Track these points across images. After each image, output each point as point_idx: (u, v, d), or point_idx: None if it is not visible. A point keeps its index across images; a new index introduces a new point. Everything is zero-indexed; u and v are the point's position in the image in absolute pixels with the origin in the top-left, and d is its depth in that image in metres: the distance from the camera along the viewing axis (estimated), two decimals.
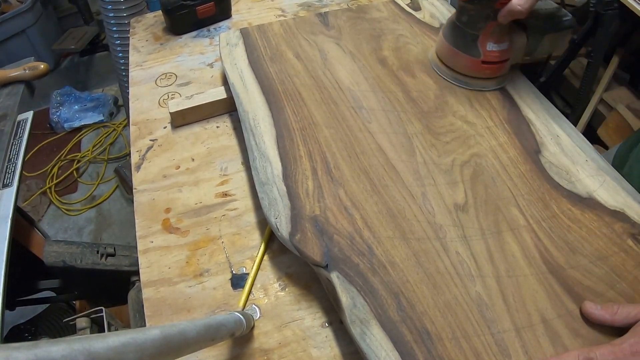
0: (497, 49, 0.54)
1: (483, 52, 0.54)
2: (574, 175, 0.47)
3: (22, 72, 0.85)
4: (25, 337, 1.00)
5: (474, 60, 0.55)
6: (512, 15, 0.49)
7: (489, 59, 0.55)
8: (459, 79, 0.58)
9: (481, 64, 0.55)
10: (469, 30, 0.55)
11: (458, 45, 0.56)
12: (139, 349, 0.22)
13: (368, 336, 0.35)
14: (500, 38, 0.54)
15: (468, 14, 0.54)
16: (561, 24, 0.59)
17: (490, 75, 0.57)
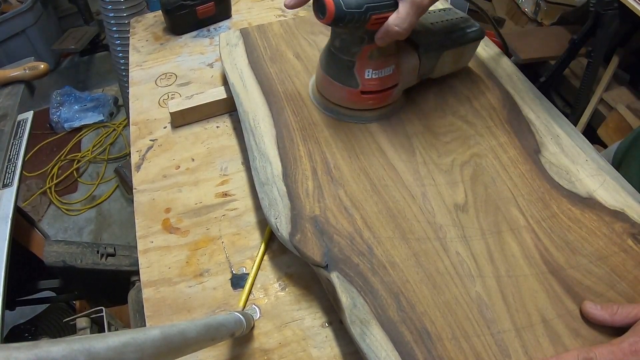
0: (377, 76, 0.47)
1: (361, 81, 0.47)
2: (574, 175, 0.47)
3: (22, 72, 0.85)
4: (25, 337, 1.00)
5: (351, 91, 0.48)
6: (390, 37, 0.43)
7: (368, 89, 0.48)
8: (340, 112, 0.51)
9: (360, 94, 0.48)
10: (343, 56, 0.47)
11: (333, 74, 0.49)
12: (139, 349, 0.22)
13: (368, 336, 0.35)
14: (381, 63, 0.47)
15: (340, 38, 0.47)
16: (465, 37, 0.53)
17: (374, 105, 0.50)
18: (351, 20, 0.41)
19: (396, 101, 0.52)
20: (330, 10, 0.41)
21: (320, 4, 0.42)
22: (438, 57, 0.52)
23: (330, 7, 0.41)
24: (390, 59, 0.47)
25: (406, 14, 0.41)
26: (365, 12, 0.41)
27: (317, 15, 0.43)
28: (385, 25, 0.42)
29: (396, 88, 0.50)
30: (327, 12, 0.41)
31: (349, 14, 0.41)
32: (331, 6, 0.40)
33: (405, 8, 0.41)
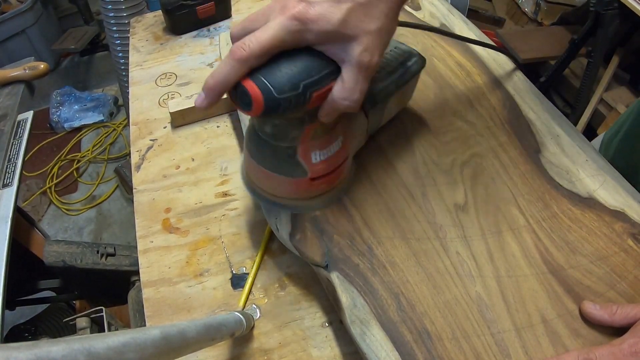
0: (327, 156, 0.38)
1: (309, 168, 0.38)
2: (574, 175, 0.47)
3: (22, 72, 0.85)
4: (25, 337, 1.00)
5: (299, 181, 0.39)
6: (337, 113, 0.35)
7: (320, 173, 0.39)
8: (288, 204, 0.42)
9: (310, 182, 0.39)
10: (280, 144, 0.37)
11: (271, 165, 0.38)
12: (139, 349, 0.22)
13: (368, 336, 0.35)
14: (328, 139, 0.38)
15: (272, 124, 0.36)
16: (407, 73, 0.46)
17: (327, 188, 0.42)
18: (288, 107, 0.31)
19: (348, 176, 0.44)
20: (257, 101, 0.31)
21: (240, 94, 0.32)
22: (384, 107, 0.46)
23: (256, 97, 0.31)
24: (336, 130, 0.38)
25: (354, 82, 0.32)
26: (303, 93, 0.31)
27: (239, 107, 0.33)
28: (329, 101, 0.33)
29: (347, 161, 0.42)
30: (254, 103, 0.31)
31: (283, 100, 0.31)
32: (258, 96, 0.31)
33: (352, 74, 0.32)
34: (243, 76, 0.31)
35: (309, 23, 0.31)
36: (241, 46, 0.30)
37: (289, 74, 0.31)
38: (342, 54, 0.32)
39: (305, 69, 0.32)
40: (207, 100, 0.32)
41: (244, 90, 0.31)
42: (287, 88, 0.31)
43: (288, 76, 0.31)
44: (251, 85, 0.31)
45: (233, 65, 0.31)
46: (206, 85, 0.32)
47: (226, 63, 0.31)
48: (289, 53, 0.32)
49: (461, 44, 0.63)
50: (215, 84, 0.32)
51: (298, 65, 0.32)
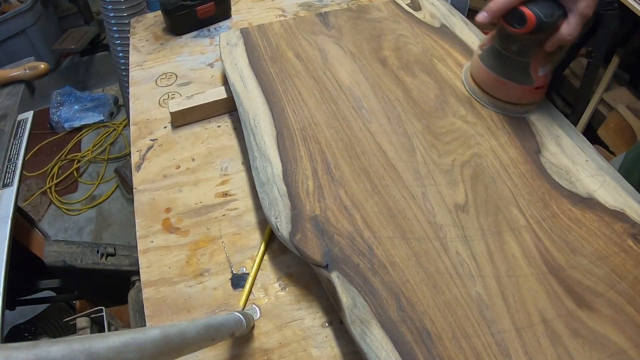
0: (546, 72, 0.52)
1: (536, 79, 0.52)
2: (574, 175, 0.47)
3: (23, 72, 0.85)
4: (25, 337, 1.00)
5: (527, 89, 0.52)
6: (560, 44, 0.48)
7: (541, 84, 0.52)
8: (508, 108, 0.54)
9: (534, 90, 0.52)
10: (520, 58, 0.51)
11: (507, 74, 0.52)
12: (139, 349, 0.22)
13: (368, 336, 0.35)
14: (547, 60, 0.52)
15: (519, 43, 0.51)
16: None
17: (541, 98, 0.55)
18: (547, 28, 0.46)
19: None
20: (531, 21, 0.46)
21: (518, 15, 0.47)
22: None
23: (531, 18, 0.46)
24: (550, 55, 0.52)
25: (576, 24, 0.46)
26: (555, 21, 0.46)
27: (509, 25, 0.48)
28: (558, 35, 0.47)
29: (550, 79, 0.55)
30: (528, 22, 0.46)
31: (546, 24, 0.46)
32: (532, 18, 0.46)
33: (575, 19, 0.46)
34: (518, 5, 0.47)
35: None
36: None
37: (549, 8, 0.46)
38: (572, 4, 0.46)
39: (553, 7, 0.46)
40: (489, 18, 0.48)
41: (521, 13, 0.46)
42: (549, 15, 0.46)
43: (549, 9, 0.46)
44: (528, 11, 0.46)
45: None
46: (489, 8, 0.48)
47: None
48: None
49: (461, 44, 0.63)
50: (497, 8, 0.47)
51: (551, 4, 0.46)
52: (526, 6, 0.46)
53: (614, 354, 0.34)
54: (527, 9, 0.46)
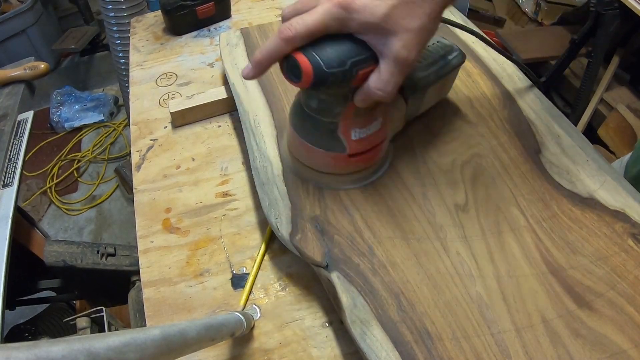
0: (366, 135, 0.40)
1: (348, 144, 0.40)
2: (574, 175, 0.47)
3: (23, 71, 0.85)
4: (25, 337, 1.00)
5: (337, 156, 0.41)
6: (372, 101, 0.37)
7: (357, 150, 0.41)
8: (323, 181, 0.44)
9: (348, 158, 0.42)
10: (323, 118, 0.40)
11: (312, 139, 0.41)
12: (139, 349, 0.22)
13: (368, 336, 0.35)
14: (368, 119, 0.40)
15: (318, 99, 0.39)
16: (447, 66, 0.48)
17: (365, 166, 0.44)
18: (334, 81, 0.34)
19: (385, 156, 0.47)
20: (307, 73, 0.34)
21: (291, 65, 0.35)
22: (424, 95, 0.47)
23: (307, 69, 0.33)
24: (376, 111, 0.40)
25: (389, 75, 0.34)
26: (350, 70, 0.34)
27: (288, 78, 0.36)
28: (365, 88, 0.35)
29: (384, 142, 0.44)
30: (303, 75, 0.34)
31: (331, 75, 0.34)
32: (308, 68, 0.33)
33: (388, 67, 0.34)
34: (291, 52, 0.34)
35: (354, 12, 0.33)
36: (288, 27, 0.33)
37: (337, 52, 0.34)
38: (382, 46, 0.34)
39: (350, 50, 0.34)
40: (253, 71, 0.36)
41: (295, 63, 0.34)
42: (335, 63, 0.34)
43: (336, 53, 0.34)
44: (302, 58, 0.34)
45: (279, 43, 0.34)
46: (254, 59, 0.36)
47: (274, 40, 0.34)
48: (334, 36, 0.34)
49: (461, 44, 0.63)
50: (262, 58, 0.35)
51: (344, 46, 0.34)
52: (304, 51, 0.34)
53: (614, 354, 0.34)
54: (302, 55, 0.34)
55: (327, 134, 0.40)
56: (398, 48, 0.33)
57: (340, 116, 0.39)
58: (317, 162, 0.43)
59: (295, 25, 0.33)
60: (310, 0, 0.35)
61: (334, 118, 0.39)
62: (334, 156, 0.42)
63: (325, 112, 0.39)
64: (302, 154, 0.44)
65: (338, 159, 0.42)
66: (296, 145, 0.43)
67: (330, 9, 0.33)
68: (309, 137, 0.42)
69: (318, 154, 0.42)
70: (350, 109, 0.38)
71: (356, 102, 0.37)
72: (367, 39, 0.34)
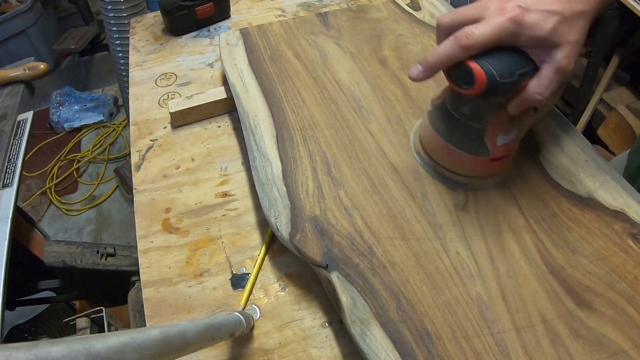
0: (507, 141, 0.41)
1: (492, 149, 0.41)
2: (573, 175, 0.47)
3: (22, 72, 0.85)
4: (25, 337, 1.00)
5: (480, 160, 0.42)
6: (527, 106, 0.38)
7: (499, 155, 0.42)
8: (459, 180, 0.45)
9: (490, 162, 0.42)
10: (473, 124, 0.41)
11: (457, 142, 0.42)
12: (139, 349, 0.22)
13: (368, 336, 0.35)
14: (511, 126, 0.41)
15: (472, 104, 0.40)
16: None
17: (499, 171, 0.45)
18: (504, 91, 0.36)
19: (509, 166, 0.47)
20: (481, 81, 0.35)
21: (464, 73, 0.36)
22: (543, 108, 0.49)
23: (480, 78, 0.35)
24: (516, 120, 0.41)
25: (549, 81, 0.36)
26: (517, 81, 0.36)
27: (456, 84, 0.37)
28: (524, 93, 0.37)
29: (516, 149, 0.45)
30: (477, 83, 0.35)
31: (502, 84, 0.35)
32: (482, 77, 0.35)
33: (549, 73, 0.36)
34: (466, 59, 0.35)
35: (525, 27, 0.35)
36: (465, 35, 0.35)
37: (507, 63, 0.35)
38: (545, 56, 0.36)
39: (518, 62, 0.36)
40: (424, 74, 0.37)
41: (469, 70, 0.35)
42: (506, 74, 0.35)
43: (507, 64, 0.35)
44: (477, 67, 0.35)
45: (456, 49, 0.35)
46: (425, 61, 0.37)
47: (449, 46, 0.36)
48: (502, 48, 0.36)
49: None
50: (435, 62, 0.37)
51: (513, 58, 0.36)
52: (478, 60, 0.35)
53: (614, 354, 0.34)
54: (476, 64, 0.35)
55: (475, 139, 0.41)
56: (560, 58, 0.35)
57: (489, 122, 0.40)
58: (458, 163, 0.44)
59: (471, 34, 0.35)
60: (471, 12, 0.37)
61: (483, 124, 0.40)
62: (477, 160, 0.42)
63: (477, 118, 0.40)
64: (442, 156, 0.44)
65: (480, 162, 0.43)
66: (437, 146, 0.44)
67: (505, 23, 0.35)
68: (455, 140, 0.42)
69: (461, 156, 0.43)
70: (500, 117, 0.40)
71: (510, 109, 0.38)
72: (531, 51, 0.36)
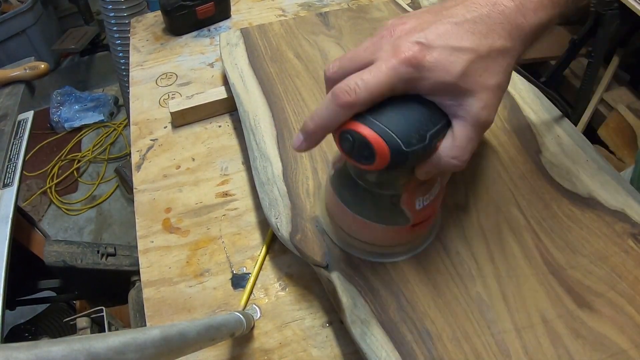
0: (429, 200, 0.35)
1: (412, 215, 0.35)
2: (574, 175, 0.47)
3: (23, 72, 0.85)
4: (25, 337, 1.00)
5: (399, 229, 0.36)
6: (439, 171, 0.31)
7: (421, 219, 0.36)
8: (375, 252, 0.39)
9: (412, 228, 0.36)
10: (383, 192, 0.34)
11: (369, 213, 0.35)
12: (139, 349, 0.22)
13: (368, 336, 0.35)
14: (431, 183, 0.34)
15: (378, 173, 0.33)
16: None
17: (426, 232, 0.40)
18: (414, 158, 0.28)
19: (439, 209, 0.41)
20: (383, 155, 0.27)
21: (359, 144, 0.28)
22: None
23: (382, 151, 0.27)
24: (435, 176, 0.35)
25: (467, 141, 0.29)
26: (429, 144, 0.28)
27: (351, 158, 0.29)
28: (435, 159, 0.29)
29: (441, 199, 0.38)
30: (377, 158, 0.27)
31: (411, 153, 0.27)
32: (383, 150, 0.27)
33: (466, 132, 0.29)
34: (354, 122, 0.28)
35: (425, 71, 0.27)
36: (346, 90, 0.27)
37: (412, 123, 0.28)
38: (457, 108, 0.29)
39: (425, 117, 0.28)
40: (306, 143, 0.31)
41: (365, 142, 0.27)
42: (414, 140, 0.27)
43: (414, 126, 0.28)
44: (374, 136, 0.27)
45: (337, 111, 0.28)
46: (305, 129, 0.30)
47: (328, 107, 0.28)
48: (400, 100, 0.28)
49: None
50: (315, 129, 0.29)
51: (418, 113, 0.28)
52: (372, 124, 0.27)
53: (614, 354, 0.34)
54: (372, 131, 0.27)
55: (388, 208, 0.35)
56: (478, 110, 0.28)
57: (403, 187, 0.33)
58: (374, 236, 0.37)
59: (355, 88, 0.27)
60: (361, 54, 0.30)
61: (396, 191, 0.34)
62: (395, 230, 0.36)
63: (387, 185, 0.34)
64: (354, 229, 0.38)
65: (400, 231, 0.36)
66: (346, 219, 0.37)
67: (397, 67, 0.27)
68: (365, 211, 0.35)
69: (375, 228, 0.36)
70: (415, 179, 0.33)
71: (419, 175, 0.31)
72: (438, 100, 0.29)
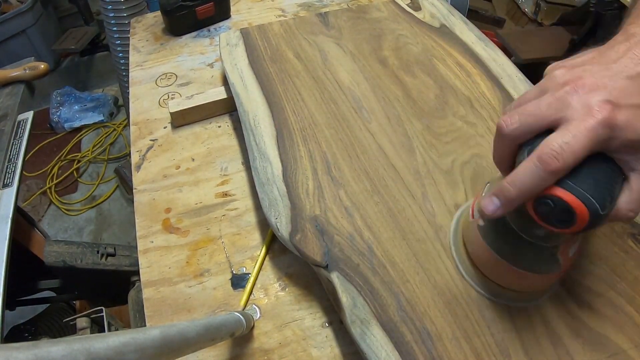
0: (577, 247, 0.36)
1: (563, 263, 0.36)
2: None
3: (22, 72, 0.85)
4: (25, 337, 1.00)
5: (551, 277, 0.37)
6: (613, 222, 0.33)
7: (570, 265, 0.37)
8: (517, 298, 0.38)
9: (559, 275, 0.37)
10: (545, 244, 0.35)
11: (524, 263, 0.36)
12: (139, 349, 0.22)
13: (368, 336, 0.35)
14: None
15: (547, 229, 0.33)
16: None
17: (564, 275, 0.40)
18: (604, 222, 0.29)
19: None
20: (582, 219, 0.27)
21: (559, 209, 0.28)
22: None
23: (582, 215, 0.27)
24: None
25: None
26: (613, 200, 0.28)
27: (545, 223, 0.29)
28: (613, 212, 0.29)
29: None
30: (578, 221, 0.28)
31: (605, 216, 0.28)
32: (584, 214, 0.27)
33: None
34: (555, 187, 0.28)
35: (617, 130, 0.27)
36: (554, 156, 0.27)
37: (605, 185, 0.28)
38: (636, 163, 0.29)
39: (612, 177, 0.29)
40: (502, 210, 0.30)
41: (567, 208, 0.27)
42: (608, 202, 0.28)
43: (606, 188, 0.28)
44: (577, 202, 0.27)
45: (544, 177, 0.27)
46: (506, 195, 0.29)
47: (533, 173, 0.28)
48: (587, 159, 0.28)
49: (461, 44, 0.63)
50: (519, 195, 0.29)
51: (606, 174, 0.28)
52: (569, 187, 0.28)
53: (614, 354, 0.34)
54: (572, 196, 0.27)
55: (547, 258, 0.35)
56: None
57: (563, 237, 0.34)
58: (528, 284, 0.37)
59: (562, 153, 0.27)
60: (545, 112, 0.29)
61: (559, 242, 0.34)
62: (549, 277, 0.37)
63: (552, 238, 0.34)
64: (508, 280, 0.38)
65: (552, 278, 0.37)
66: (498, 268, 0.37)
67: (597, 129, 0.27)
68: (521, 261, 0.36)
69: (532, 278, 0.36)
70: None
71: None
72: (620, 157, 0.29)
